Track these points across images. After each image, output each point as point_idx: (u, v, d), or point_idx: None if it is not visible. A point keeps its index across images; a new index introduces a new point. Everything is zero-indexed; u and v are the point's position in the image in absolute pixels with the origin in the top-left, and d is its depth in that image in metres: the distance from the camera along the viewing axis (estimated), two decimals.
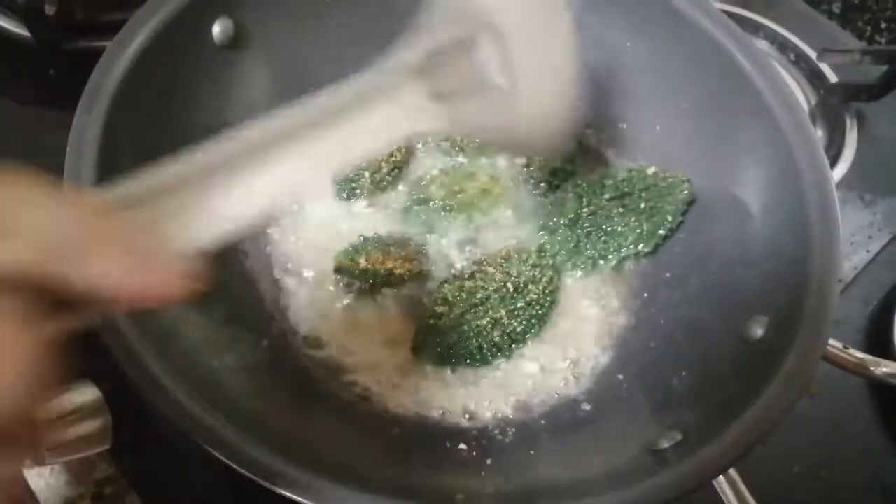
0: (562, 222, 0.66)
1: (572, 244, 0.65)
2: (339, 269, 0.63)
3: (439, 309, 0.59)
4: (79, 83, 0.52)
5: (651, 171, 0.67)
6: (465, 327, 0.59)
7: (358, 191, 0.69)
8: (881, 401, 0.72)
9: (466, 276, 0.62)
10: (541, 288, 0.62)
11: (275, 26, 0.66)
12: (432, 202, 0.68)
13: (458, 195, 0.68)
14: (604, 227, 0.65)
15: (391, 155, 0.68)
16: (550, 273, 0.64)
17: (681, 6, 0.64)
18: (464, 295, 0.60)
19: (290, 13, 0.67)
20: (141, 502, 0.61)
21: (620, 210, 0.65)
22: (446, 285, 0.61)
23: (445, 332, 0.58)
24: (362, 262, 0.62)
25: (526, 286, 0.61)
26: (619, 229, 0.65)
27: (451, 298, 0.60)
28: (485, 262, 0.63)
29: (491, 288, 0.60)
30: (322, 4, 0.69)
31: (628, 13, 0.68)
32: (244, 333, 0.58)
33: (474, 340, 0.59)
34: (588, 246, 0.65)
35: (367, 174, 0.68)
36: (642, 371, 0.59)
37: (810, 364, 0.48)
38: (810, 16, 1.03)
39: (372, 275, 0.62)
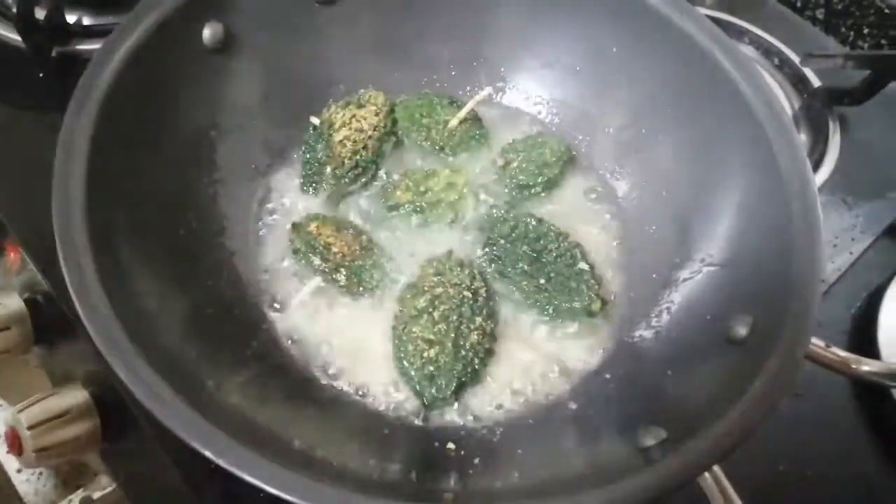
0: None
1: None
2: (294, 226, 0.65)
3: (430, 353, 0.57)
4: (69, 87, 0.53)
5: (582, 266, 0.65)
6: (462, 352, 0.58)
7: (318, 185, 0.69)
8: (864, 401, 0.73)
9: (425, 287, 0.61)
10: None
11: (265, 30, 0.67)
12: (402, 208, 0.68)
13: (426, 195, 0.68)
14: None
15: (355, 153, 0.69)
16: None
17: (667, 11, 0.65)
18: (443, 326, 0.58)
19: (281, 18, 0.68)
20: None
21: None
22: (416, 319, 0.59)
23: (448, 372, 0.57)
24: (312, 227, 0.64)
25: (477, 292, 0.62)
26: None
27: (433, 336, 0.58)
28: (426, 274, 0.63)
29: (455, 302, 0.60)
30: (312, 10, 0.69)
31: (615, 18, 0.69)
32: (234, 335, 0.58)
33: (473, 358, 0.59)
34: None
35: (328, 169, 0.69)
36: (628, 370, 0.60)
37: (794, 363, 0.48)
38: (794, 21, 1.05)
39: (312, 239, 0.64)
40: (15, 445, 0.61)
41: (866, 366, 0.52)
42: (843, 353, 0.52)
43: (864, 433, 0.72)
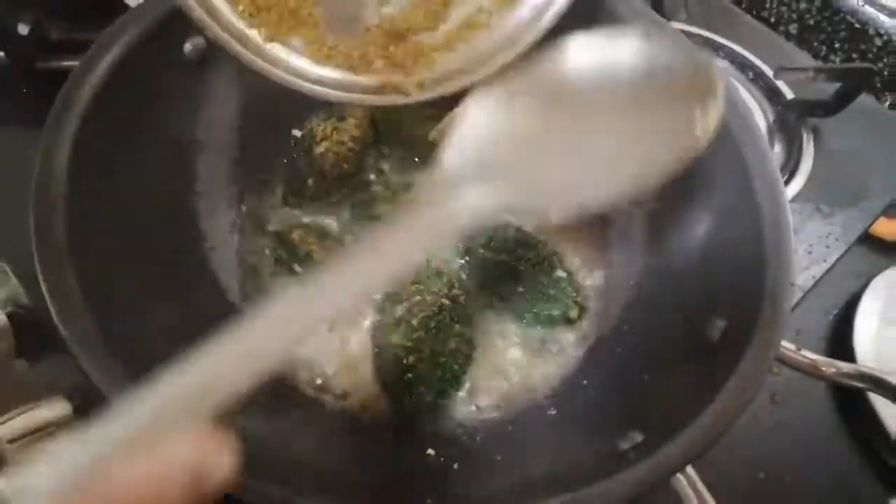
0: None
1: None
2: (276, 235, 0.67)
3: (408, 360, 0.58)
4: (52, 101, 0.53)
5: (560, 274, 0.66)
6: (441, 360, 0.59)
7: (300, 197, 0.70)
8: (843, 408, 0.74)
9: (404, 296, 0.62)
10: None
11: None
12: (383, 218, 0.69)
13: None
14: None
15: (337, 164, 0.69)
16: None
17: (639, 26, 0.66)
18: (421, 334, 0.59)
19: None
20: None
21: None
22: (395, 327, 0.60)
23: (427, 380, 0.58)
24: (294, 236, 0.66)
25: (456, 300, 0.62)
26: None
27: (411, 343, 0.59)
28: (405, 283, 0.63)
29: (433, 310, 0.60)
30: None
31: (587, 29, 0.70)
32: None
33: (452, 365, 0.59)
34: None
35: (310, 181, 0.69)
36: (606, 376, 0.61)
37: (764, 365, 0.49)
38: (768, 36, 1.06)
39: (295, 248, 0.65)
40: None
41: (836, 368, 0.52)
42: (813, 356, 0.53)
43: (843, 439, 0.73)
